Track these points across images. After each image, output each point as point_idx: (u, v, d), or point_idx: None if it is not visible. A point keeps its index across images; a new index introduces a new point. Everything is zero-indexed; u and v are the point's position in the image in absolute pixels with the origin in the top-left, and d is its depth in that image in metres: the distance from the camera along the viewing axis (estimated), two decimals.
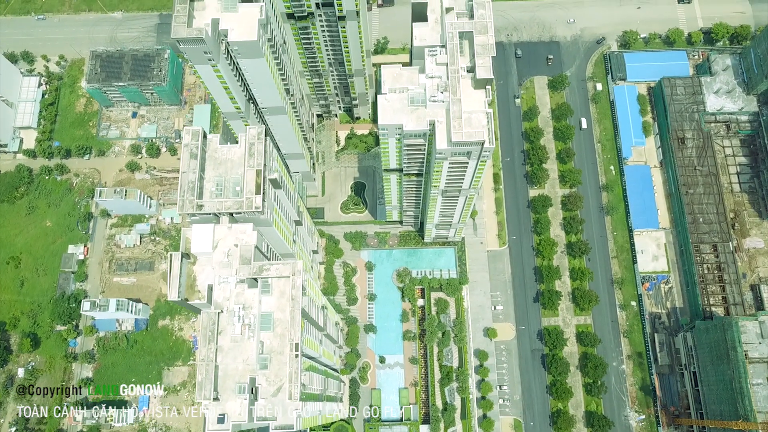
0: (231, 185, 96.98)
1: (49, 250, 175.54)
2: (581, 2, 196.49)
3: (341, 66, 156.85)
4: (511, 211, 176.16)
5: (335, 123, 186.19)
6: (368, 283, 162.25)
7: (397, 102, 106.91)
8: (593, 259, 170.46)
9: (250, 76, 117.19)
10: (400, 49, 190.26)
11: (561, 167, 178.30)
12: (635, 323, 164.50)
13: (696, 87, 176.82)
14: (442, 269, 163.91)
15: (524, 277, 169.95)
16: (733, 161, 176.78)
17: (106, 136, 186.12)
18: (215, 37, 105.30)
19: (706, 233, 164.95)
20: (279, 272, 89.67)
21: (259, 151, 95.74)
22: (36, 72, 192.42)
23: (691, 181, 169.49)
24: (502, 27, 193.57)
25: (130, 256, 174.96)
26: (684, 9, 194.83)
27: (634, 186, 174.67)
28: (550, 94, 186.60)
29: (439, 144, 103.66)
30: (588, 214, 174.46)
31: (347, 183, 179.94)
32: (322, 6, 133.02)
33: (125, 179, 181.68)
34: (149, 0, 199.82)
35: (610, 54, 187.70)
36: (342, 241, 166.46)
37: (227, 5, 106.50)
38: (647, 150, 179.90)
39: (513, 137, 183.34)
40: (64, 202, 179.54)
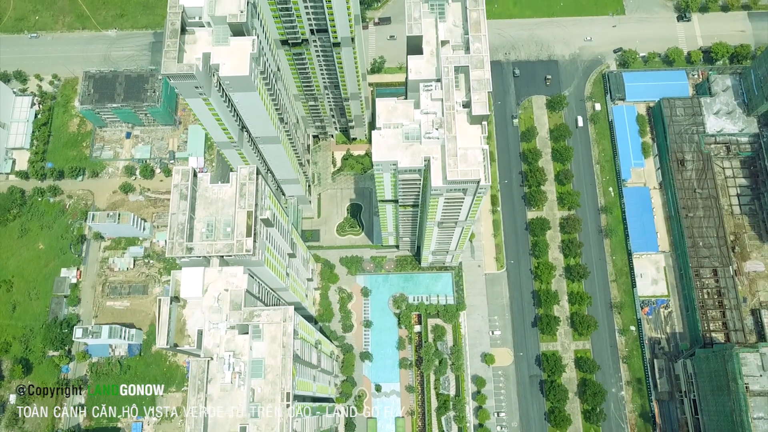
0: (222, 226, 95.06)
1: (41, 273, 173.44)
2: (579, 21, 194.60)
3: (337, 89, 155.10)
4: (509, 233, 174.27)
5: (331, 144, 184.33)
6: (364, 310, 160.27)
7: (392, 138, 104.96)
8: (592, 282, 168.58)
9: (243, 108, 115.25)
10: (397, 68, 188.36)
11: (559, 189, 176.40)
12: (634, 348, 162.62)
13: (696, 108, 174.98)
14: (439, 295, 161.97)
15: (522, 301, 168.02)
16: (733, 183, 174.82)
17: (99, 156, 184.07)
18: (206, 72, 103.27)
19: (706, 257, 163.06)
20: (270, 318, 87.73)
21: (251, 192, 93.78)
22: (29, 91, 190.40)
23: (691, 204, 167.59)
24: (499, 45, 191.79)
25: (124, 279, 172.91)
26: (683, 27, 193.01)
27: (634, 208, 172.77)
28: (548, 114, 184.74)
29: (435, 181, 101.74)
30: (587, 237, 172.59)
31: (343, 204, 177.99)
32: (316, 32, 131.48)
33: (119, 201, 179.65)
34: (143, 18, 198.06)
35: (608, 73, 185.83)
36: (338, 265, 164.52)
37: (219, 39, 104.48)
38: (646, 171, 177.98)
39: (511, 158, 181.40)
40: (56, 225, 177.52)
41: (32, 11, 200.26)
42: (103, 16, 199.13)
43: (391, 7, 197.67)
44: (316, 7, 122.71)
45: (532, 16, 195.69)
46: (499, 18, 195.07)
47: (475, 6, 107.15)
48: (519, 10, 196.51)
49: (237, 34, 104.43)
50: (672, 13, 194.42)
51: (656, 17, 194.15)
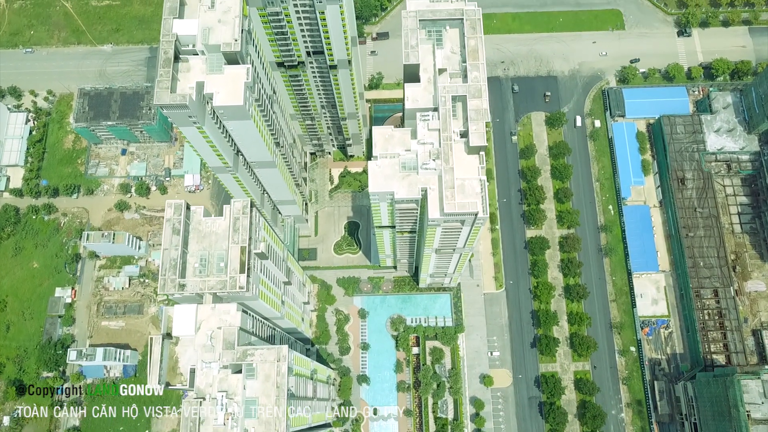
0: (215, 260, 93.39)
1: (35, 292, 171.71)
2: (579, 36, 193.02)
3: (334, 108, 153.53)
4: (508, 252, 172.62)
5: (329, 161, 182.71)
6: (361, 332, 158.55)
7: (389, 167, 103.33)
8: (592, 302, 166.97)
9: (238, 136, 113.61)
10: (395, 84, 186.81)
11: (558, 207, 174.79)
12: (634, 369, 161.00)
13: (696, 125, 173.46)
14: (437, 316, 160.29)
15: (521, 321, 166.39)
16: (734, 201, 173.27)
17: (94, 174, 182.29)
18: (200, 101, 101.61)
19: (707, 278, 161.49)
20: (264, 357, 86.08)
21: (244, 227, 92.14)
22: (23, 108, 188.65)
23: (692, 223, 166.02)
24: (498, 61, 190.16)
25: (119, 299, 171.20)
26: (684, 42, 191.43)
27: (634, 227, 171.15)
28: (547, 131, 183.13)
29: (432, 213, 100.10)
30: (586, 256, 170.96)
31: (341, 222, 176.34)
32: (312, 54, 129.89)
33: (114, 219, 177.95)
34: (139, 33, 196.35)
35: (608, 90, 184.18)
36: (335, 286, 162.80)
37: (213, 67, 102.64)
38: (646, 189, 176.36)
39: (509, 175, 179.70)
40: (51, 243, 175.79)
41: (27, 26, 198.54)
42: (98, 31, 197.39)
43: (389, 22, 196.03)
44: (312, 31, 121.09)
45: (532, 31, 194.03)
46: (498, 33, 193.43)
47: (473, 33, 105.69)
48: (518, 25, 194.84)
49: (231, 62, 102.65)
50: (672, 29, 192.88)
51: (656, 33, 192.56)
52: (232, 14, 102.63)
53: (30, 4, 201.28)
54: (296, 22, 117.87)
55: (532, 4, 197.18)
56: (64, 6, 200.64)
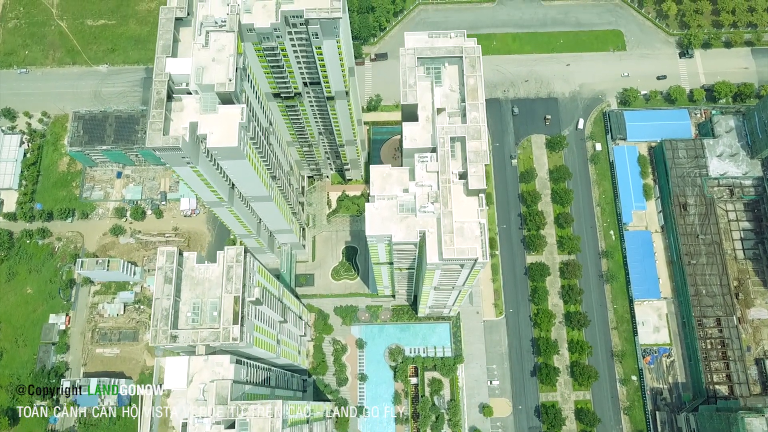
0: (208, 309, 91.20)
1: (29, 319, 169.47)
2: (580, 57, 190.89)
3: (331, 135, 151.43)
4: (508, 278, 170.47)
5: (327, 184, 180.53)
6: (359, 362, 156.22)
7: (386, 209, 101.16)
8: (592, 330, 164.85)
9: (233, 173, 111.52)
10: (394, 106, 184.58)
11: (559, 232, 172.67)
12: (636, 399, 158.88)
13: (698, 150, 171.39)
14: (436, 346, 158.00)
15: (521, 349, 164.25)
16: (736, 226, 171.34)
17: (89, 197, 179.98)
18: (194, 141, 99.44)
19: (710, 306, 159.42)
20: (257, 413, 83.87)
21: (238, 275, 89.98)
22: (18, 129, 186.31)
23: (694, 250, 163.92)
24: (498, 82, 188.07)
25: (114, 325, 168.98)
26: (686, 64, 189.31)
27: (635, 253, 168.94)
28: (548, 154, 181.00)
29: (430, 257, 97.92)
30: (587, 282, 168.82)
31: (338, 247, 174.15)
32: (309, 84, 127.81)
33: (109, 244, 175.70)
34: (135, 53, 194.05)
35: (609, 112, 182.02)
36: (332, 315, 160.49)
37: (207, 106, 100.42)
38: (648, 214, 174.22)
39: (509, 199, 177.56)
40: (45, 268, 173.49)
41: (22, 45, 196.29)
42: (93, 51, 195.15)
43: (388, 42, 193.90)
44: (308, 64, 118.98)
45: (532, 52, 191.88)
46: (498, 54, 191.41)
47: (473, 72, 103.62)
48: (518, 46, 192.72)
49: (226, 101, 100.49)
50: (674, 50, 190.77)
51: (658, 53, 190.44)
52: (226, 53, 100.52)
53: (24, 23, 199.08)
54: (292, 56, 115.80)
55: (533, 25, 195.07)
56: (59, 25, 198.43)
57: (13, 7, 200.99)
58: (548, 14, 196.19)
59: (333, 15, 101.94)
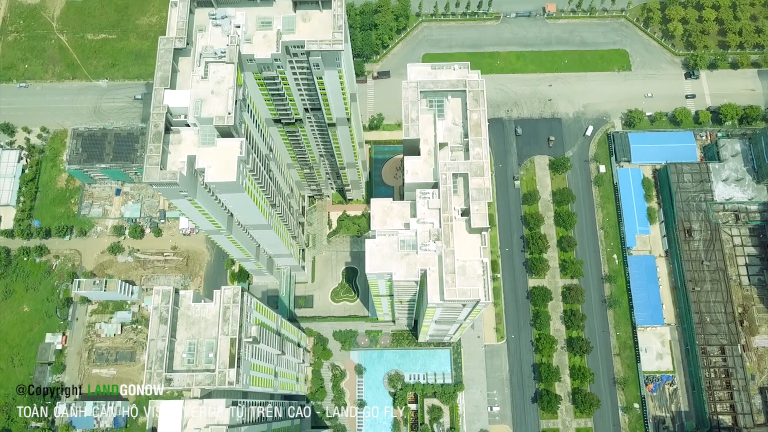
0: (204, 350, 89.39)
1: (25, 338, 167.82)
2: (584, 77, 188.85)
3: (332, 157, 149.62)
4: (510, 301, 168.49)
5: (327, 203, 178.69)
6: (358, 388, 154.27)
7: (387, 246, 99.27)
8: (595, 356, 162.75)
9: (231, 205, 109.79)
10: (395, 125, 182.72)
11: (562, 255, 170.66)
12: (638, 427, 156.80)
13: (704, 174, 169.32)
14: (436, 372, 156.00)
15: (522, 374, 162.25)
16: (741, 252, 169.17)
17: (88, 214, 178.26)
18: (191, 175, 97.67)
19: (714, 334, 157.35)
20: None
21: (234, 316, 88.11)
22: (16, 145, 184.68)
23: (698, 276, 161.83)
24: (501, 102, 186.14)
25: (111, 345, 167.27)
26: (691, 85, 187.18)
27: (639, 279, 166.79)
28: (551, 176, 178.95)
29: (431, 297, 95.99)
30: (590, 307, 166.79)
31: (338, 268, 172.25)
32: (311, 110, 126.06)
33: (107, 262, 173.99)
34: (135, 68, 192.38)
35: (614, 134, 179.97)
36: (331, 340, 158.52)
37: (205, 139, 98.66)
38: (652, 238, 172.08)
39: (512, 221, 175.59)
40: (42, 286, 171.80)
41: (21, 59, 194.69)
42: (94, 66, 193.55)
43: (390, 60, 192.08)
44: (310, 91, 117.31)
45: (536, 71, 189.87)
46: (502, 73, 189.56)
47: (476, 106, 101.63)
48: (522, 65, 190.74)
49: (224, 135, 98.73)
50: (680, 70, 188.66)
51: (663, 74, 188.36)
52: (225, 85, 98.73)
53: (24, 36, 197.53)
54: (293, 84, 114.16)
55: (537, 43, 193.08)
56: (60, 39, 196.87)
57: (13, 21, 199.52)
58: (553, 33, 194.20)
59: (335, 47, 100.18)
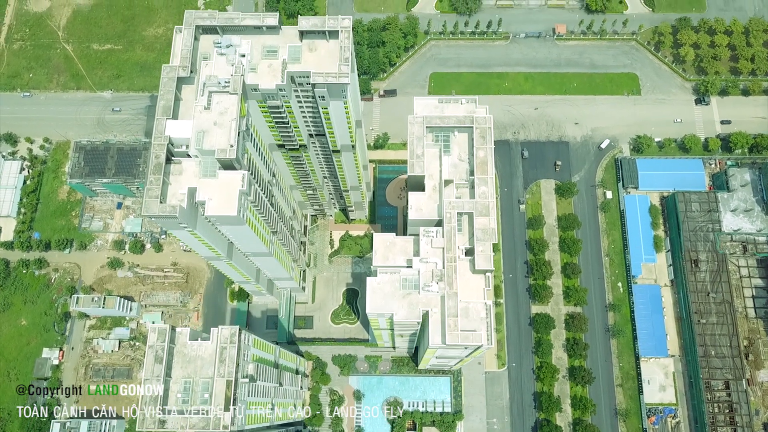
0: (200, 390, 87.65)
1: (22, 352, 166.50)
2: (593, 100, 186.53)
3: (336, 179, 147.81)
4: (512, 328, 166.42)
5: (330, 222, 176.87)
6: (356, 415, 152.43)
7: (388, 285, 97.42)
8: (597, 386, 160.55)
9: (232, 235, 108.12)
10: (401, 144, 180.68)
11: (566, 282, 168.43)
12: None
13: (712, 203, 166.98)
14: (435, 400, 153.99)
15: (523, 403, 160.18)
16: (748, 283, 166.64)
17: (88, 227, 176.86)
18: (192, 207, 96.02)
19: (719, 368, 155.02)
20: None
21: (231, 357, 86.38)
22: (19, 155, 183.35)
23: (704, 308, 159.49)
24: (508, 124, 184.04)
25: (108, 362, 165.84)
26: (701, 111, 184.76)
27: (643, 308, 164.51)
28: (557, 200, 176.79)
29: (433, 339, 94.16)
30: (593, 336, 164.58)
31: (339, 289, 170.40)
32: (315, 136, 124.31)
33: (106, 277, 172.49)
34: (140, 80, 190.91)
35: (621, 159, 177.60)
36: (330, 364, 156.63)
37: (206, 171, 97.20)
38: (658, 267, 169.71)
39: (516, 245, 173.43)
40: (41, 300, 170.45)
41: (26, 68, 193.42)
42: (98, 77, 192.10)
43: (397, 78, 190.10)
44: (314, 119, 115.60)
45: (544, 93, 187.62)
46: (509, 94, 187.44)
47: (482, 144, 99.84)
48: (530, 86, 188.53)
49: (226, 167, 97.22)
50: (690, 96, 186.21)
51: (673, 99, 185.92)
52: (228, 116, 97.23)
53: (30, 45, 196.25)
54: (298, 113, 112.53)
55: (546, 65, 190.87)
56: (65, 49, 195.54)
57: (19, 28, 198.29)
58: (562, 54, 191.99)
59: (341, 80, 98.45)
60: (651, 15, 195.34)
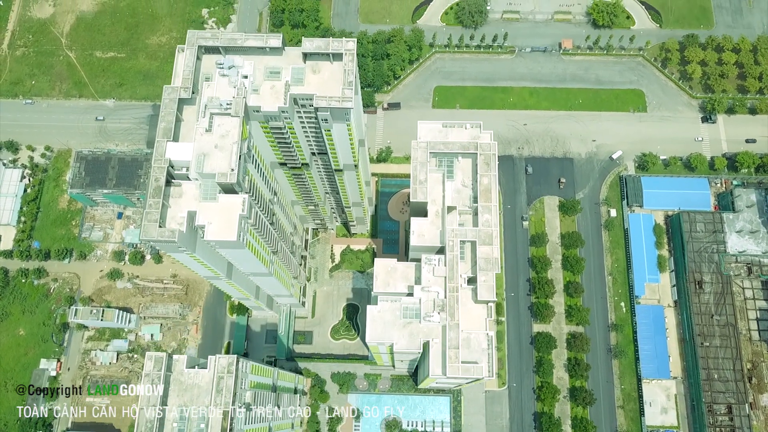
0: (196, 420, 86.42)
1: (20, 362, 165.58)
2: (598, 116, 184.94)
3: (338, 194, 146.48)
4: (513, 346, 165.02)
5: (331, 236, 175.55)
6: None
7: (389, 313, 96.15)
8: (597, 407, 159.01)
9: (232, 258, 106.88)
10: (404, 158, 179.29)
11: (568, 301, 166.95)
12: None
13: (717, 224, 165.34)
14: (435, 420, 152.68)
15: (523, 423, 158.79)
16: (752, 305, 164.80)
17: (88, 237, 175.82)
18: (191, 231, 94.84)
19: (721, 392, 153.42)
20: None
21: (228, 387, 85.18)
22: (20, 163, 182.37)
23: (708, 331, 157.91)
24: (513, 139, 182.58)
25: (106, 374, 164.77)
26: (708, 129, 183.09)
27: (646, 329, 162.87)
28: (560, 218, 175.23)
29: (433, 370, 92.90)
30: (594, 356, 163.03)
31: (340, 304, 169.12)
32: (317, 154, 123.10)
33: (105, 287, 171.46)
34: (143, 89, 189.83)
35: (626, 177, 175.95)
36: (329, 381, 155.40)
37: (206, 194, 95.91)
38: (661, 287, 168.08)
39: (518, 263, 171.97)
40: (39, 310, 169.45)
41: (29, 75, 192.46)
42: (101, 85, 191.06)
43: (401, 91, 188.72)
44: (317, 139, 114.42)
45: (549, 109, 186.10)
46: (514, 109, 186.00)
47: (487, 170, 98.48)
48: (535, 101, 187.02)
49: (227, 191, 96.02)
50: (696, 113, 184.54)
51: (679, 117, 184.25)
52: (230, 139, 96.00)
53: (33, 52, 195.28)
54: (300, 133, 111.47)
55: (551, 80, 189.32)
56: (68, 56, 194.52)
57: (21, 35, 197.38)
58: (568, 69, 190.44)
59: (344, 104, 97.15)
60: (658, 31, 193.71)
